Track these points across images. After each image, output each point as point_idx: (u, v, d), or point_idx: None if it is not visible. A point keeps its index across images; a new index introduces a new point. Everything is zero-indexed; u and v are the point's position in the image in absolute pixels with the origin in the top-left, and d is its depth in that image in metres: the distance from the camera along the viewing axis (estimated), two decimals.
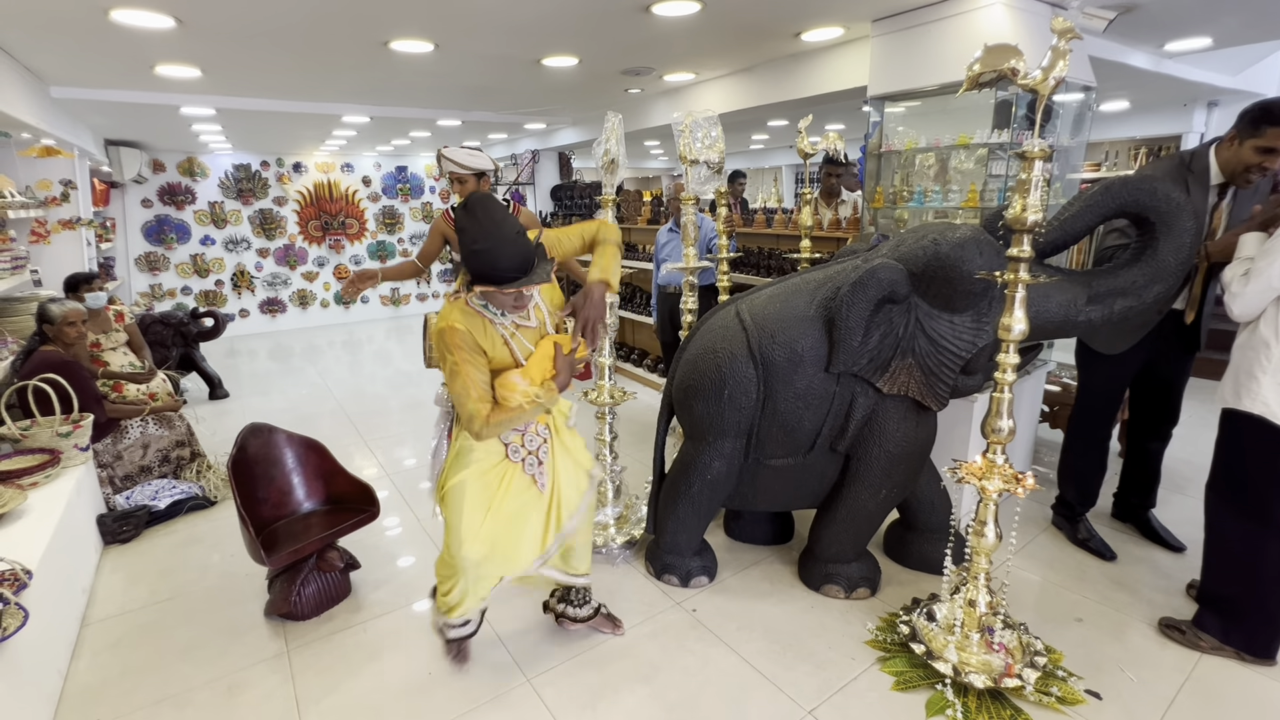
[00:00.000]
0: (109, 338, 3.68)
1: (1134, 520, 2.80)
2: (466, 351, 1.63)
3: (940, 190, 3.03)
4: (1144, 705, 1.84)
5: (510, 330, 1.71)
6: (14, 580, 1.77)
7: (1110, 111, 5.84)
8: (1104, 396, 2.61)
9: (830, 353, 2.11)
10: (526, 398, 1.67)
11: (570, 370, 1.77)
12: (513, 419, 1.66)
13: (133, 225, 7.24)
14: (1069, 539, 2.71)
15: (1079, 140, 3.14)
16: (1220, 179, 2.19)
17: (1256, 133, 2.04)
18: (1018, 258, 1.70)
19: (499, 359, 1.70)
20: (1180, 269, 2.01)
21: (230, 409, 4.82)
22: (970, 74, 1.71)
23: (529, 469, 1.84)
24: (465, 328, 1.63)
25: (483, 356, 1.67)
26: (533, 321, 1.76)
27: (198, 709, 1.89)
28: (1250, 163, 2.07)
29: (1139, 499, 2.77)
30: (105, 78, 3.89)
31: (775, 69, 3.98)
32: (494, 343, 1.69)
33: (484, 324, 1.68)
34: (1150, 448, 2.68)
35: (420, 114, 5.38)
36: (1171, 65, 4.06)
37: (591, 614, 2.16)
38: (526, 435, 1.84)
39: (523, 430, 1.83)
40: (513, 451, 1.82)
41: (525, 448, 1.84)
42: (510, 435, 1.80)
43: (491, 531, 1.77)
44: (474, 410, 1.63)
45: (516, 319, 1.73)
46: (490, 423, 1.63)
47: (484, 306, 1.69)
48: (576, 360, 1.80)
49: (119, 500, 3.00)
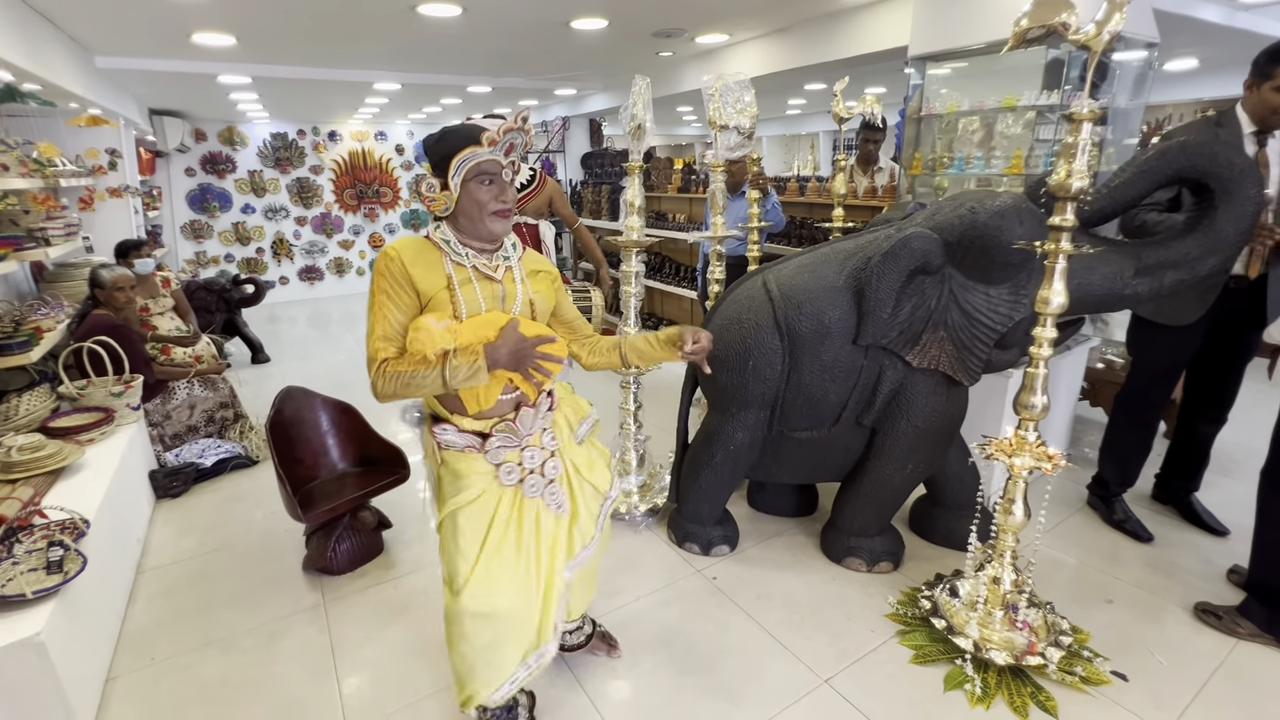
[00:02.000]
0: (157, 302, 3.83)
1: (1175, 503, 2.70)
2: (389, 281, 1.33)
3: (983, 156, 2.90)
4: (1173, 689, 1.81)
5: (467, 275, 1.37)
6: (74, 529, 1.89)
7: (1176, 71, 5.46)
8: (1159, 376, 2.48)
9: (859, 325, 2.06)
10: (435, 346, 1.29)
11: (519, 355, 1.33)
12: (412, 380, 1.29)
13: (178, 194, 7.46)
14: (1104, 519, 2.64)
15: (1138, 102, 2.95)
16: (1253, 127, 2.15)
17: (1271, 73, 2.05)
18: (1060, 226, 1.62)
19: (438, 304, 1.34)
20: (1239, 241, 1.89)
21: (271, 373, 4.99)
22: (1017, 30, 1.61)
23: (533, 491, 1.47)
24: (400, 255, 1.34)
25: (410, 294, 1.34)
26: (499, 276, 1.41)
27: (242, 652, 2.01)
28: (1274, 104, 2.06)
29: (1182, 482, 2.66)
30: (145, 46, 3.97)
31: (812, 28, 3.82)
32: (435, 280, 1.34)
33: (435, 258, 1.36)
34: (1202, 431, 2.56)
35: (450, 80, 5.36)
36: (1247, 18, 3.75)
37: (585, 640, 1.92)
38: (526, 450, 1.46)
39: (518, 443, 1.45)
40: (505, 473, 1.44)
41: (524, 466, 1.46)
42: (502, 451, 1.43)
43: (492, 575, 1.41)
44: (372, 350, 1.33)
45: (481, 263, 1.39)
46: (386, 373, 1.30)
47: (447, 243, 1.38)
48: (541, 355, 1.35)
49: (169, 457, 3.16)
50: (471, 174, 1.33)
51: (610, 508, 1.70)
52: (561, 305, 1.60)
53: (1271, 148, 2.15)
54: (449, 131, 1.35)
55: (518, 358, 1.34)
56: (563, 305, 1.61)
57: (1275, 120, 2.09)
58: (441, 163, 1.34)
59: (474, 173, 1.33)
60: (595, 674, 1.90)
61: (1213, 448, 2.60)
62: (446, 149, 1.33)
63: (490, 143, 1.32)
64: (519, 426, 1.46)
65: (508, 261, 1.45)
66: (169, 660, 1.97)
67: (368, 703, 1.81)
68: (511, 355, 1.33)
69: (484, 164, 1.33)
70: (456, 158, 1.31)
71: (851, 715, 1.74)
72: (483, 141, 1.31)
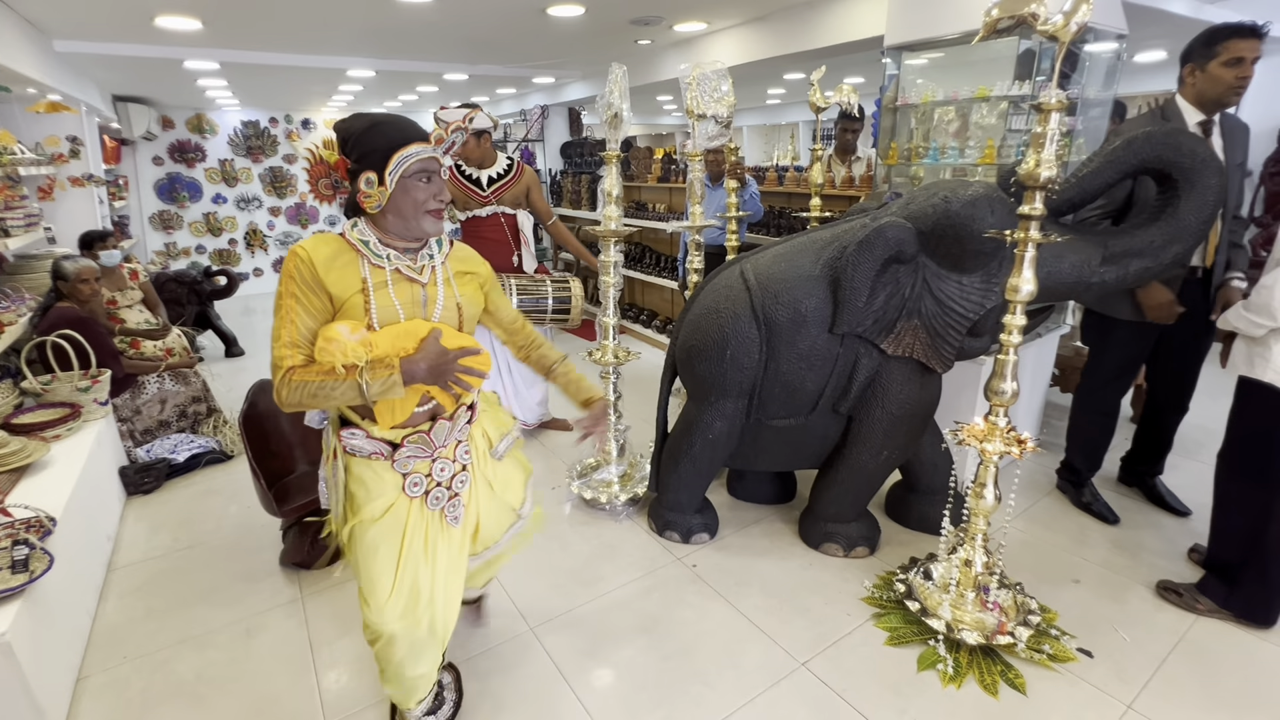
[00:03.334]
0: (124, 295, 3.73)
1: (1140, 485, 2.79)
2: (299, 284, 1.22)
3: (958, 146, 2.93)
4: (1135, 664, 1.87)
5: (384, 278, 1.27)
6: (39, 527, 1.85)
7: (1145, 62, 5.55)
8: (1116, 372, 2.53)
9: (835, 313, 2.08)
10: (345, 359, 1.19)
11: (438, 370, 1.25)
12: (319, 391, 1.19)
13: (145, 183, 7.25)
14: (1073, 502, 2.71)
15: (1107, 93, 3.00)
16: (1199, 117, 2.17)
17: (1214, 52, 2.08)
18: (1029, 215, 1.65)
19: (351, 309, 1.24)
20: (1202, 229, 1.94)
21: (246, 366, 4.90)
22: (988, 20, 1.63)
23: (435, 504, 1.40)
24: (311, 255, 1.23)
25: (321, 298, 1.23)
26: (423, 279, 1.32)
27: (218, 649, 1.99)
28: (1228, 80, 2.08)
29: (1146, 466, 2.74)
30: (106, 29, 3.84)
31: (790, 17, 3.82)
32: (349, 284, 1.24)
33: (350, 259, 1.26)
34: (1166, 419, 2.63)
35: (426, 67, 5.27)
36: (1213, 11, 3.83)
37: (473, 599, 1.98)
38: (437, 462, 1.39)
39: (430, 454, 1.37)
40: (411, 485, 1.36)
41: (433, 477, 1.39)
42: (411, 462, 1.35)
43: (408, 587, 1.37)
44: (277, 356, 1.22)
45: (404, 265, 1.29)
46: (291, 382, 1.19)
47: (365, 244, 1.28)
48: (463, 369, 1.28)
49: (139, 453, 3.09)
50: (411, 170, 1.25)
51: (523, 527, 1.67)
52: (498, 307, 1.53)
53: (1214, 137, 2.19)
54: (383, 123, 1.27)
55: (437, 372, 1.26)
56: (499, 307, 1.53)
57: (1232, 96, 2.11)
58: (373, 155, 1.25)
59: (413, 169, 1.26)
60: (576, 662, 1.91)
61: (1176, 432, 2.68)
62: (383, 143, 1.25)
63: (438, 141, 1.27)
64: (433, 438, 1.37)
65: (432, 261, 1.35)
66: (142, 658, 1.95)
67: (347, 696, 1.80)
68: (430, 370, 1.25)
69: (425, 161, 1.27)
70: (398, 154, 1.23)
71: (828, 697, 1.78)
72: (431, 139, 1.27)
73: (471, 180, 3.04)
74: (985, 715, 1.71)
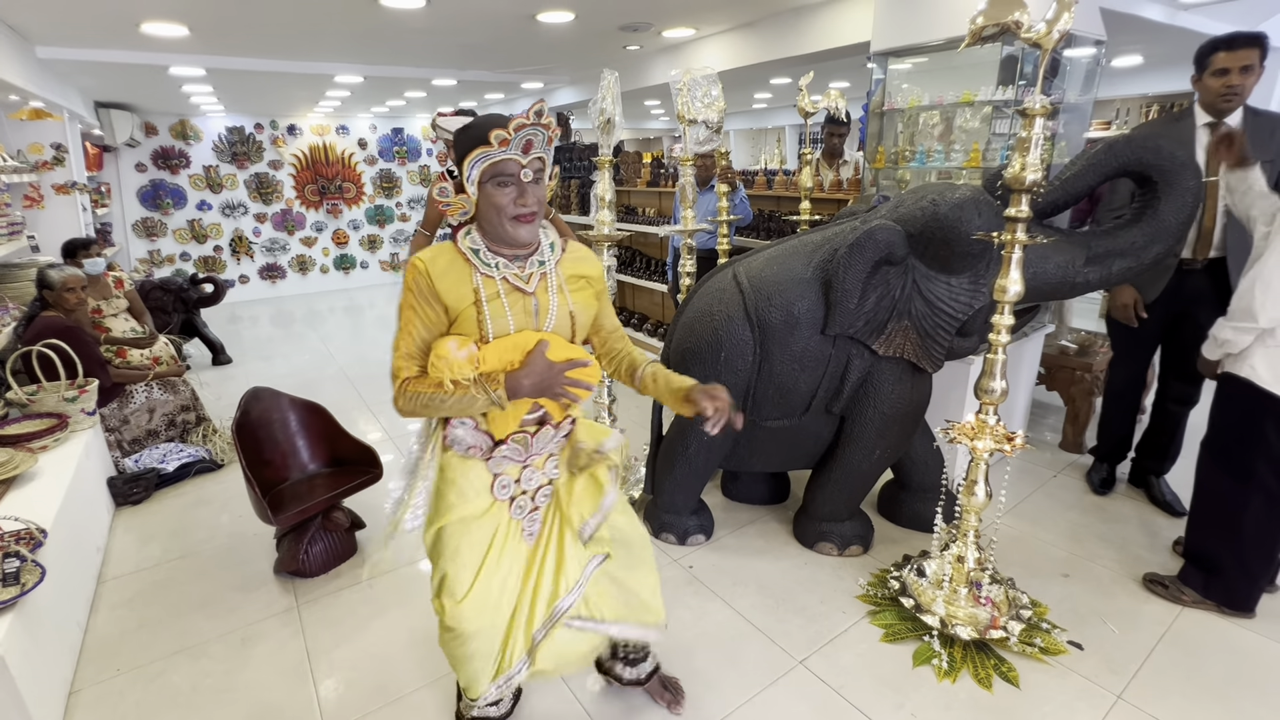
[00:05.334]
0: (110, 304, 3.69)
1: (1144, 484, 2.79)
2: (416, 295, 1.24)
3: (943, 150, 2.98)
4: (1124, 655, 1.91)
5: (496, 289, 1.25)
6: (30, 539, 1.82)
7: (1123, 67, 5.68)
8: (1126, 353, 2.66)
9: (827, 315, 2.11)
10: (453, 375, 1.21)
11: (545, 384, 1.24)
12: (431, 402, 1.22)
13: (128, 190, 7.17)
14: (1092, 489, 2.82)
15: (1087, 97, 3.07)
16: (1206, 119, 2.29)
17: (1206, 63, 2.22)
18: (1015, 218, 1.69)
19: (465, 321, 1.25)
20: (1181, 229, 2.00)
21: (234, 374, 4.86)
22: (973, 27, 1.66)
23: (518, 512, 1.40)
24: (427, 268, 1.24)
25: (437, 309, 1.24)
26: (530, 288, 1.28)
27: (213, 659, 1.97)
28: (1215, 88, 2.21)
29: (1151, 463, 2.74)
30: (91, 36, 3.80)
31: (778, 23, 3.87)
32: (463, 295, 1.24)
33: (463, 271, 1.25)
34: (1170, 410, 2.63)
35: (414, 73, 5.26)
36: (1187, 18, 3.93)
37: (644, 678, 1.74)
38: (526, 469, 1.38)
39: (523, 460, 1.37)
40: (500, 487, 1.36)
41: (520, 484, 1.38)
42: (505, 463, 1.35)
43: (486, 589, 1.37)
44: (395, 366, 1.27)
45: (510, 273, 1.27)
46: (406, 391, 1.24)
47: (475, 252, 1.26)
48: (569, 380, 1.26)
49: (128, 463, 3.05)
50: (487, 176, 1.20)
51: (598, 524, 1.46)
52: (602, 314, 1.45)
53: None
54: (470, 125, 1.22)
55: (543, 386, 1.24)
56: (603, 314, 1.46)
57: (1222, 102, 2.21)
58: (459, 162, 1.23)
59: (489, 174, 1.20)
60: None
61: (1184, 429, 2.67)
62: (462, 148, 1.21)
63: (501, 142, 1.17)
64: (534, 443, 1.37)
65: (543, 268, 1.30)
66: (136, 670, 1.92)
67: (346, 704, 1.79)
68: (535, 385, 1.24)
69: (499, 164, 1.19)
70: (468, 158, 1.19)
71: (825, 693, 1.80)
72: (491, 140, 1.17)
73: None
74: (980, 708, 1.74)
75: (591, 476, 1.45)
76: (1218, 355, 1.96)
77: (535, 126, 1.19)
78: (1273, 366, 1.83)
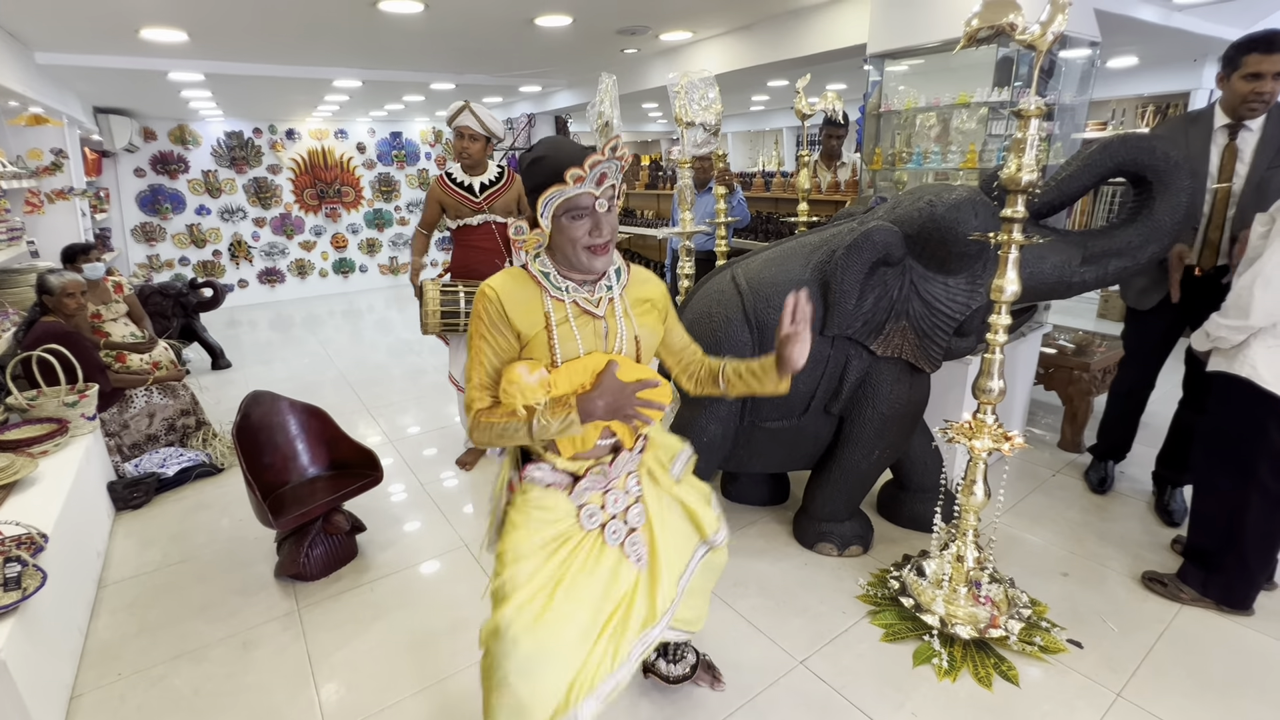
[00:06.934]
0: (109, 309, 3.69)
1: (1159, 495, 2.69)
2: (487, 324, 1.25)
3: (940, 151, 3.00)
4: (1123, 653, 1.91)
5: (565, 313, 1.26)
6: (31, 543, 1.83)
7: (1117, 68, 5.70)
8: (1131, 354, 2.67)
9: (825, 316, 2.12)
10: (525, 400, 1.21)
11: (616, 405, 1.22)
12: (505, 431, 1.22)
13: (127, 195, 7.17)
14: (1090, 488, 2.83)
15: (1083, 98, 3.08)
16: (1225, 121, 2.24)
17: (1237, 65, 2.13)
18: (1011, 218, 1.70)
19: (536, 346, 1.25)
20: (1176, 229, 2.01)
21: (233, 378, 4.86)
22: (968, 29, 1.68)
23: (614, 538, 1.35)
24: (499, 294, 1.24)
25: (508, 336, 1.25)
26: (600, 311, 1.29)
27: (214, 663, 1.97)
28: (1243, 93, 2.14)
29: (1170, 473, 2.63)
30: (90, 42, 3.81)
31: (774, 26, 3.89)
32: (533, 320, 1.25)
33: (534, 295, 1.26)
34: (1189, 419, 2.51)
35: (413, 77, 5.28)
36: (1181, 18, 3.95)
37: (689, 671, 1.77)
38: (609, 494, 1.35)
39: (604, 486, 1.35)
40: (587, 516, 1.33)
41: (607, 510, 1.35)
42: (587, 493, 1.34)
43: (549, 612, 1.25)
44: (468, 399, 1.28)
45: (580, 297, 1.27)
46: (480, 423, 1.24)
47: (545, 275, 1.27)
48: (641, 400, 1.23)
49: (128, 468, 3.05)
50: (561, 210, 1.21)
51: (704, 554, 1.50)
52: (671, 331, 1.45)
53: (1243, 139, 2.22)
54: (539, 160, 1.24)
55: (614, 408, 1.23)
56: (672, 332, 1.45)
57: (1246, 109, 2.15)
58: (532, 194, 1.24)
59: (564, 209, 1.21)
60: None
61: None
62: (535, 181, 1.23)
63: (576, 180, 1.18)
64: (611, 470, 1.36)
65: (610, 293, 1.31)
66: (137, 674, 1.93)
67: (348, 707, 1.79)
68: (608, 407, 1.22)
69: (575, 199, 1.20)
70: (543, 196, 1.21)
71: (826, 693, 1.80)
72: (568, 180, 1.18)
73: (464, 188, 3.05)
74: (980, 707, 1.74)
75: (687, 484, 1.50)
76: (1206, 348, 1.98)
77: (610, 161, 1.21)
78: (1273, 366, 1.83)
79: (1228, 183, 2.21)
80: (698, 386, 1.48)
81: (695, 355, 1.48)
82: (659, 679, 1.78)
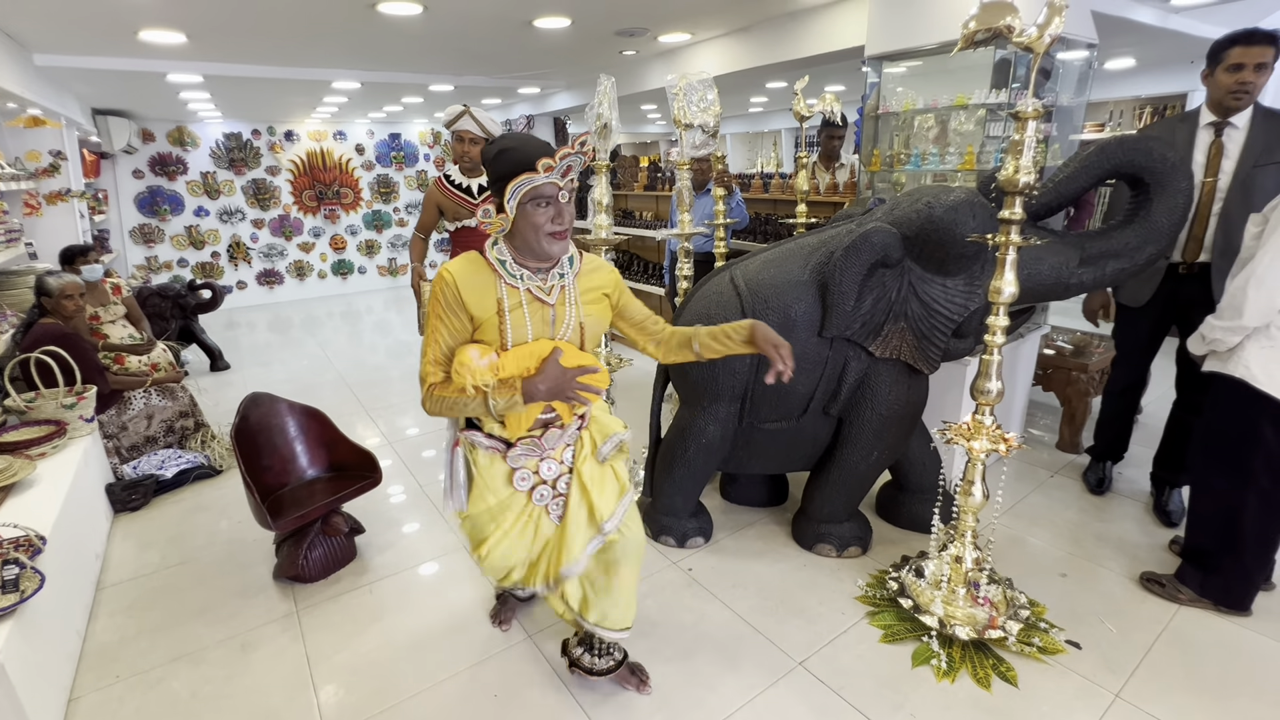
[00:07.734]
0: (107, 310, 3.69)
1: (1156, 495, 2.69)
2: (443, 306, 1.37)
3: (938, 152, 3.00)
4: (1122, 654, 1.92)
5: (519, 299, 1.38)
6: (29, 546, 1.82)
7: (1115, 70, 5.72)
8: (1121, 353, 2.70)
9: (823, 317, 2.12)
10: (474, 381, 1.33)
11: (557, 389, 1.37)
12: (455, 405, 1.37)
13: (125, 197, 7.17)
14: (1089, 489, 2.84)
15: (1080, 100, 3.09)
16: (1210, 119, 2.27)
17: (1220, 58, 2.18)
18: (1009, 220, 1.71)
19: (488, 329, 1.37)
20: (1173, 230, 2.02)
21: (232, 380, 4.85)
22: (965, 32, 1.68)
23: (540, 499, 1.53)
24: (455, 279, 1.36)
25: (462, 318, 1.37)
26: (551, 299, 1.41)
27: (213, 665, 1.97)
28: (1227, 84, 2.18)
29: (1167, 474, 2.64)
30: (88, 43, 3.81)
31: (772, 28, 3.89)
32: (487, 304, 1.37)
33: (489, 281, 1.37)
34: (1184, 419, 2.52)
35: (412, 79, 5.28)
36: (1178, 20, 3.96)
37: (614, 665, 1.81)
38: (545, 462, 1.51)
39: (539, 455, 1.50)
40: (519, 479, 1.50)
41: (540, 475, 1.52)
42: (522, 459, 1.49)
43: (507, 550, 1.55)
44: (424, 372, 1.40)
45: (534, 285, 1.39)
46: (433, 395, 1.38)
47: (502, 264, 1.38)
48: (580, 385, 1.37)
49: (126, 470, 3.05)
50: (527, 197, 1.31)
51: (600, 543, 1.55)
52: (627, 309, 1.58)
53: (1230, 136, 2.24)
54: (506, 150, 1.33)
55: (556, 391, 1.37)
56: (629, 309, 1.58)
57: (1231, 99, 2.18)
58: (498, 183, 1.33)
59: (530, 196, 1.31)
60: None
61: None
62: (502, 170, 1.31)
63: (547, 169, 1.29)
64: (544, 443, 1.50)
65: (563, 280, 1.43)
66: (135, 677, 1.92)
67: (347, 709, 1.79)
68: (549, 390, 1.36)
69: (540, 187, 1.31)
70: (512, 183, 1.29)
71: (825, 694, 1.80)
72: (539, 168, 1.28)
73: (462, 189, 3.05)
74: (979, 708, 1.74)
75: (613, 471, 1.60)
76: (1203, 351, 1.98)
77: (578, 155, 1.31)
78: (1267, 367, 1.84)
79: (1213, 178, 2.23)
80: (668, 354, 1.60)
81: (660, 325, 1.61)
82: (583, 673, 1.81)
